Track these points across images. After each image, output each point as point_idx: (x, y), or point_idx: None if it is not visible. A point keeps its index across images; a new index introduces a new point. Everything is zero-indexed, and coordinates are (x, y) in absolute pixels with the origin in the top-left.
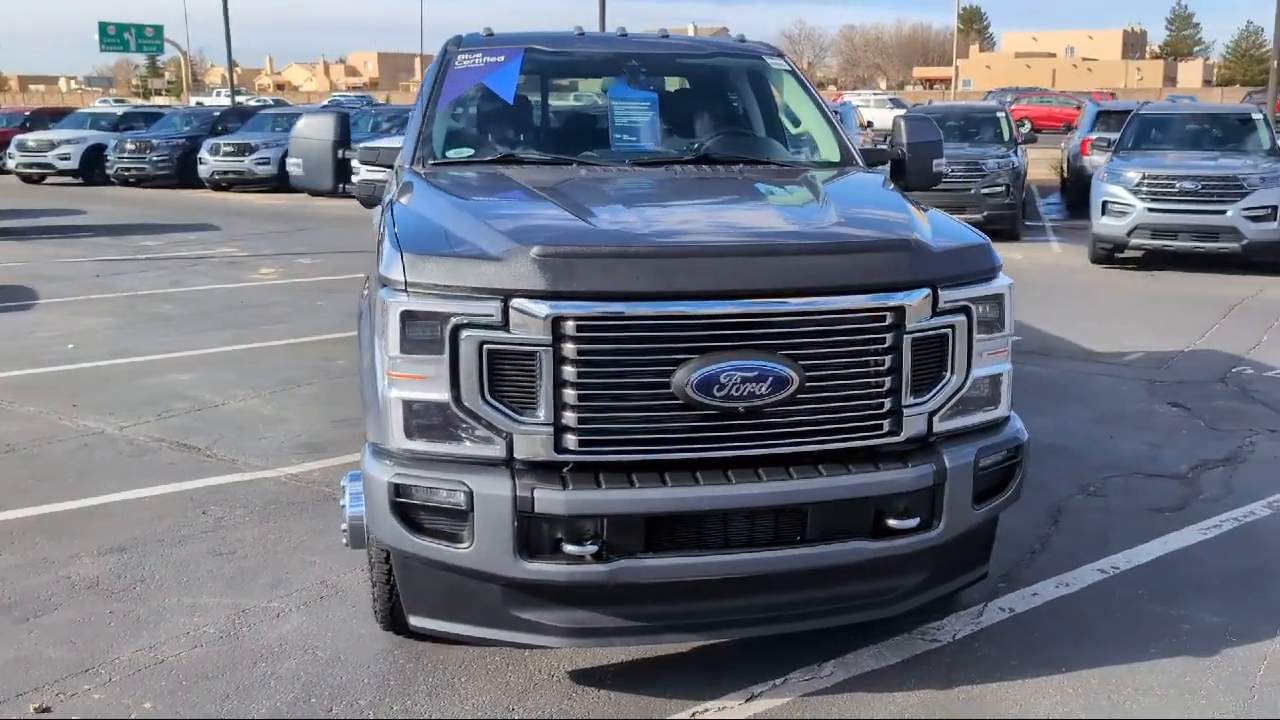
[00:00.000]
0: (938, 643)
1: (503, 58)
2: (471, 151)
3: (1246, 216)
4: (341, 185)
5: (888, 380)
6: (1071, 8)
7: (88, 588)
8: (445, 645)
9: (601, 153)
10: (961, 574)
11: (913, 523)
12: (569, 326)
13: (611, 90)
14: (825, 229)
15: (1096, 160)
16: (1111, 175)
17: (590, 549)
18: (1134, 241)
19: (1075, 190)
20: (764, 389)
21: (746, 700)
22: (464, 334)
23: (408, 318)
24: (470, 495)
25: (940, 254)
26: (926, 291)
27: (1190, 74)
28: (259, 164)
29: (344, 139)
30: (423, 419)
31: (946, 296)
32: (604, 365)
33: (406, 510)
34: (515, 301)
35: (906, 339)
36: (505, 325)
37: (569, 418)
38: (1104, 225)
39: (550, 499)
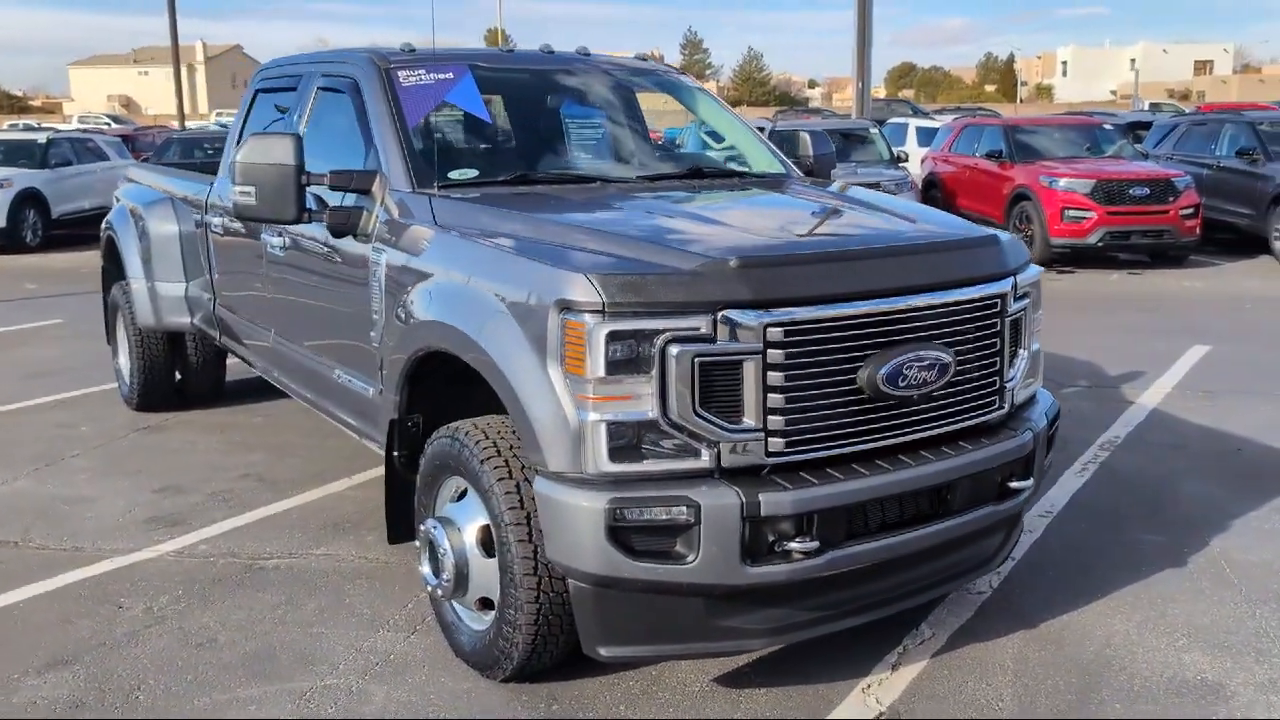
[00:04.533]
0: (984, 594)
1: (450, 74)
2: (475, 172)
3: None
4: (307, 214)
5: (997, 360)
6: (587, 33)
7: (73, 707)
8: (571, 680)
9: (598, 169)
10: (1016, 530)
11: (1028, 484)
12: (776, 333)
13: (564, 109)
14: (936, 228)
15: None
16: None
17: (813, 545)
18: None
19: None
20: (933, 376)
21: (893, 670)
22: (672, 349)
23: (613, 338)
24: (697, 509)
25: (1011, 246)
26: (1012, 279)
27: None
28: None
29: (302, 162)
30: (628, 439)
31: (1020, 282)
32: (806, 367)
33: (622, 534)
34: (724, 313)
35: (1006, 322)
36: (713, 337)
37: (775, 421)
38: None
39: (776, 501)
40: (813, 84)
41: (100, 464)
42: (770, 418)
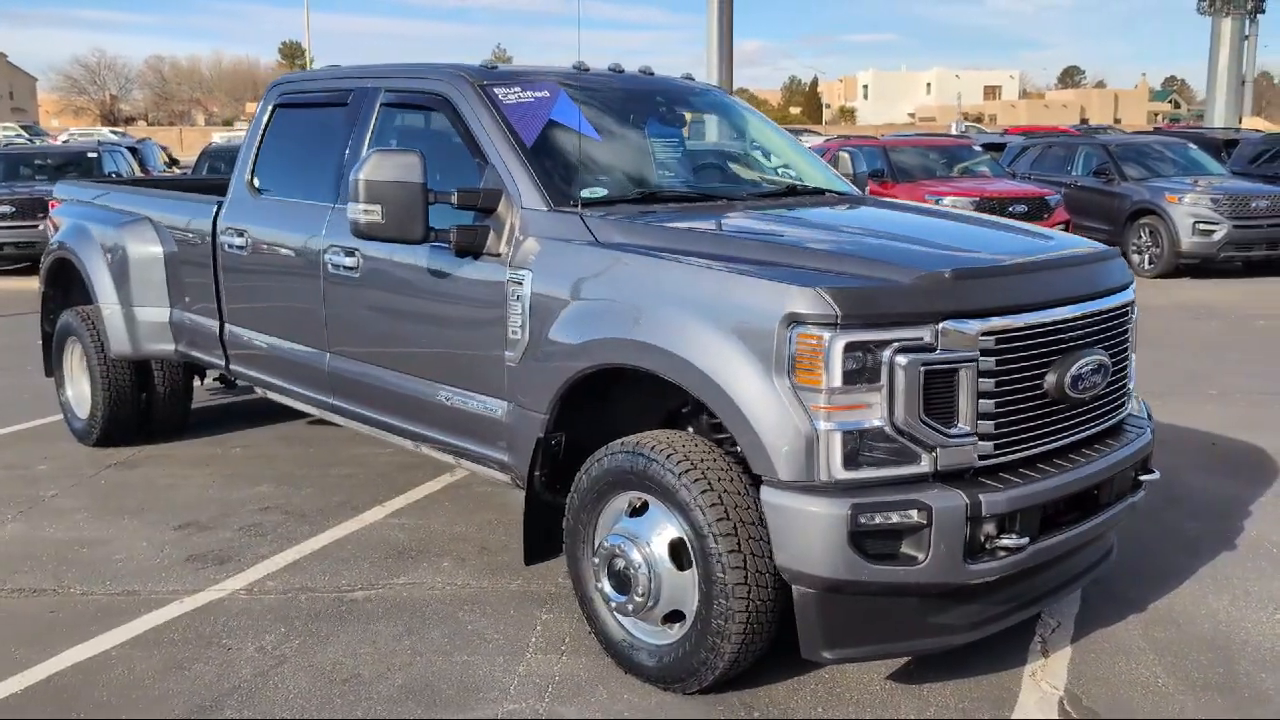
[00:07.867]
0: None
1: (546, 92)
2: (604, 191)
3: None
4: (433, 233)
5: (1128, 363)
6: (395, 47)
7: None
8: (755, 688)
9: (713, 187)
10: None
11: (1155, 476)
12: (988, 341)
13: (649, 127)
14: (1074, 242)
15: None
16: None
17: (1023, 541)
18: None
19: None
20: (1100, 379)
21: (1045, 656)
22: (900, 359)
23: (849, 350)
24: (929, 511)
25: (1124, 261)
26: (1131, 289)
27: None
28: None
29: (427, 180)
30: (858, 446)
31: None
32: (1010, 372)
33: (860, 539)
34: (946, 323)
35: (1130, 328)
36: (935, 346)
37: (985, 425)
38: None
39: (994, 501)
40: None
41: (89, 503)
42: (981, 422)
